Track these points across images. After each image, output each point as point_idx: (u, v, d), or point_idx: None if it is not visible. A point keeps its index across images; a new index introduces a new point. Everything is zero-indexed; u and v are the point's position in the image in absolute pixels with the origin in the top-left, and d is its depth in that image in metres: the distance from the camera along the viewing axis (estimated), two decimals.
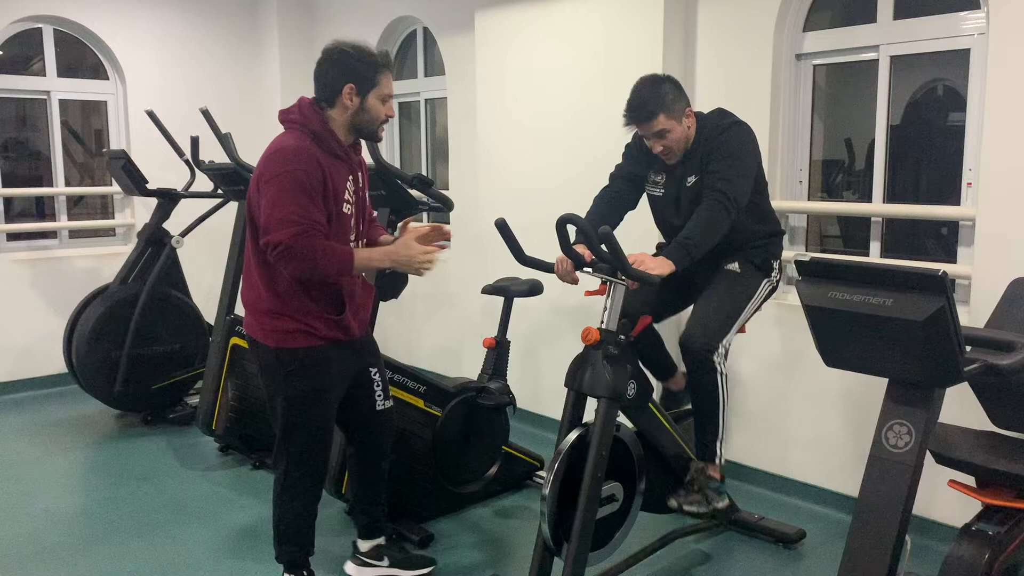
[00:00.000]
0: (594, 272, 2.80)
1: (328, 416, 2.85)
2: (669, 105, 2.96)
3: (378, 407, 3.01)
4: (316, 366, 2.74)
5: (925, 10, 3.45)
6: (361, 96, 2.69)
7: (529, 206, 4.33)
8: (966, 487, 2.58)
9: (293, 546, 2.92)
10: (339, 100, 2.69)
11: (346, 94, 2.68)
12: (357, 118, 2.72)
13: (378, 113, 2.74)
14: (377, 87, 2.70)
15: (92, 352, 4.84)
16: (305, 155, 2.60)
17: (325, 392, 2.80)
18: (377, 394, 3.01)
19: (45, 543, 3.53)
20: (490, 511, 3.82)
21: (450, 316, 5.58)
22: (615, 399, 2.70)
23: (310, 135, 2.67)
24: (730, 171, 2.91)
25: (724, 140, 2.98)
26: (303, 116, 2.70)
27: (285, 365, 2.73)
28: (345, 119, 2.72)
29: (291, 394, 2.76)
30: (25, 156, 6.54)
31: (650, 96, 2.96)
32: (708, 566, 3.31)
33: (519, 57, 4.70)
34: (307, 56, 6.56)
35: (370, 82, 2.69)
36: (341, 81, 2.67)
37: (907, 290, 2.10)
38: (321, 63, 2.72)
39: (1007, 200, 3.12)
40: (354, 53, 2.69)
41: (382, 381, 3.03)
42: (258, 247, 2.67)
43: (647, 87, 2.99)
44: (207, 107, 4.28)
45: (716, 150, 2.97)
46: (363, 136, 2.81)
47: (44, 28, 5.78)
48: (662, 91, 2.96)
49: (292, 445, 2.81)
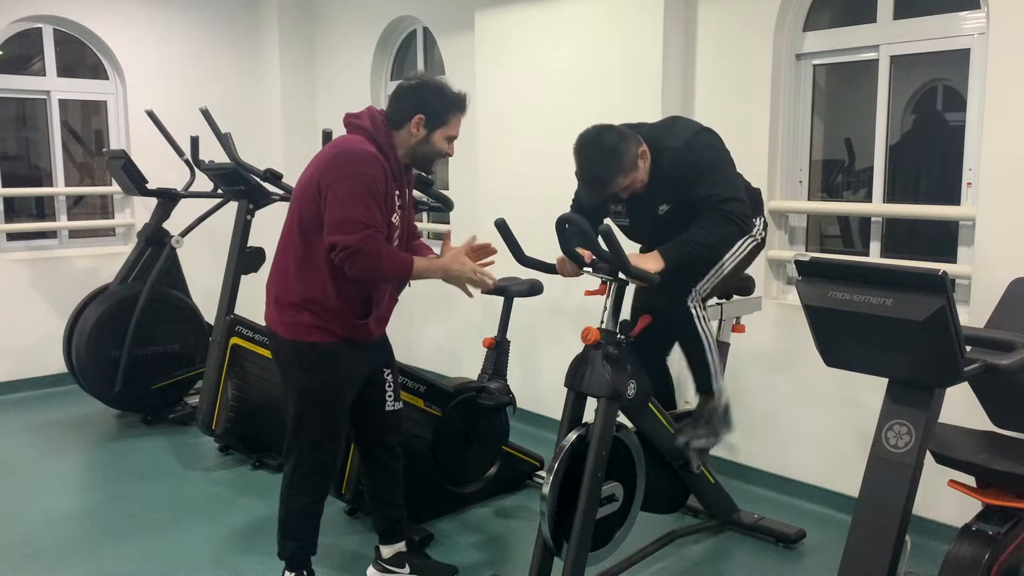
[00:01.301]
0: (594, 272, 2.80)
1: (340, 413, 2.86)
2: (622, 165, 2.81)
3: (388, 408, 3.02)
4: (331, 362, 2.77)
5: (925, 10, 3.45)
6: (428, 130, 2.77)
7: (529, 206, 4.33)
8: (966, 487, 2.58)
9: (296, 542, 2.93)
10: (407, 127, 2.76)
11: (414, 123, 2.75)
12: (418, 148, 2.80)
13: (440, 148, 2.82)
14: (445, 127, 2.79)
15: (92, 352, 4.84)
16: (375, 161, 2.67)
17: (338, 389, 2.82)
18: (388, 395, 3.02)
19: (45, 543, 3.53)
20: (490, 511, 3.82)
21: (450, 316, 5.58)
22: (615, 399, 2.70)
23: (376, 145, 2.72)
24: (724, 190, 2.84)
25: (696, 160, 2.86)
26: (373, 125, 2.76)
27: (301, 359, 2.78)
28: (407, 145, 2.79)
29: (305, 388, 2.80)
30: (25, 156, 6.54)
31: (601, 167, 2.81)
32: (708, 566, 3.32)
33: (519, 57, 4.70)
34: (307, 56, 6.57)
35: (440, 120, 2.78)
36: (413, 110, 2.75)
37: (907, 290, 2.10)
38: (402, 87, 2.82)
39: (1007, 200, 3.12)
40: (433, 88, 2.79)
41: (394, 383, 3.05)
42: (298, 241, 2.72)
43: (593, 157, 2.82)
44: (207, 107, 4.28)
45: (694, 174, 2.84)
46: (416, 165, 2.90)
47: (44, 28, 5.78)
48: (610, 154, 2.79)
49: (302, 440, 2.84)
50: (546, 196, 4.48)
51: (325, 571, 3.14)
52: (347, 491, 3.50)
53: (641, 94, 4.11)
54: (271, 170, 4.26)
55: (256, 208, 4.41)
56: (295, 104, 6.52)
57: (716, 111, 4.01)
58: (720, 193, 2.83)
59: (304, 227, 2.70)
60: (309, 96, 6.60)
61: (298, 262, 2.73)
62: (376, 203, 2.63)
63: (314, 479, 2.89)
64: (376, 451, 3.07)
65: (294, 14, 6.47)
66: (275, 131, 6.52)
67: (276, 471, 4.23)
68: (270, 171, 4.25)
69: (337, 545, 3.42)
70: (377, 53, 6.02)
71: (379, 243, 2.62)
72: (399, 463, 3.11)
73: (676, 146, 2.90)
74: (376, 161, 2.67)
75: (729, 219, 2.82)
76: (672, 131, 2.97)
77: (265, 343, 4.32)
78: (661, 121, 3.11)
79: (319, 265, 2.69)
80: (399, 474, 3.12)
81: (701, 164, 2.86)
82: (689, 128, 2.98)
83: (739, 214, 2.83)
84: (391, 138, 2.76)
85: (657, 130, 2.99)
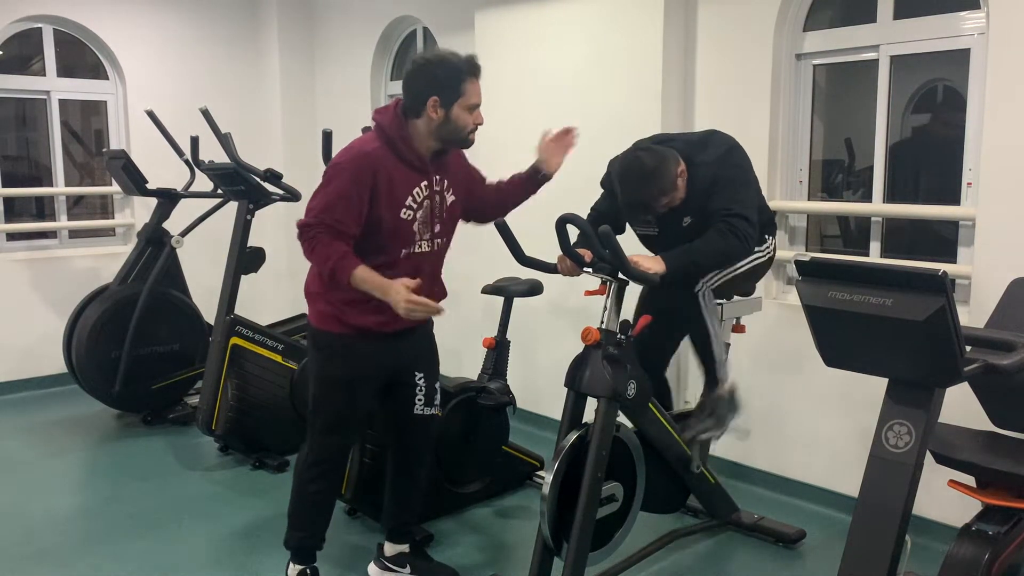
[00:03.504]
0: (594, 272, 2.80)
1: (352, 405, 2.87)
2: (664, 187, 2.86)
3: (416, 411, 3.01)
4: (343, 353, 2.80)
5: (925, 10, 3.45)
6: (446, 108, 2.66)
7: (529, 206, 4.32)
8: (966, 487, 2.58)
9: (302, 532, 2.94)
10: (424, 112, 2.67)
11: (431, 107, 2.65)
12: (443, 129, 2.70)
13: (465, 123, 2.71)
14: (463, 97, 2.67)
15: (92, 352, 4.84)
16: (361, 159, 2.64)
17: (351, 380, 2.83)
18: (418, 398, 3.00)
19: (45, 543, 3.53)
20: (490, 511, 3.82)
21: (450, 316, 5.56)
22: (615, 399, 2.70)
23: (384, 139, 2.69)
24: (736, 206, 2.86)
25: (721, 176, 2.91)
26: (387, 119, 2.71)
27: (320, 347, 2.84)
28: (431, 130, 2.70)
29: (318, 374, 2.87)
30: (25, 156, 6.54)
31: (643, 189, 2.86)
32: (708, 566, 3.31)
33: (519, 57, 4.70)
34: (307, 56, 6.57)
35: (455, 92, 2.65)
36: (426, 93, 2.65)
37: (907, 290, 2.10)
38: (408, 74, 2.73)
39: (1007, 200, 3.12)
40: (436, 62, 2.68)
41: (427, 387, 3.01)
42: None
43: (636, 181, 2.86)
44: (207, 107, 4.28)
45: (717, 188, 2.90)
46: (452, 145, 2.78)
47: (44, 28, 5.78)
48: (652, 177, 2.83)
49: (315, 425, 2.89)
50: (546, 196, 4.48)
51: (326, 570, 3.14)
52: (347, 491, 3.50)
53: (641, 94, 4.11)
54: (271, 170, 4.26)
55: (256, 208, 4.41)
56: (295, 104, 6.52)
57: (716, 111, 4.02)
58: (731, 208, 2.86)
59: None
60: (309, 96, 6.60)
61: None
62: (342, 202, 2.61)
63: (323, 467, 2.91)
64: (399, 452, 3.08)
65: (294, 14, 6.47)
66: (275, 131, 6.52)
67: (276, 471, 4.23)
68: (270, 171, 4.26)
69: (337, 544, 3.42)
70: (377, 53, 6.02)
71: (316, 238, 2.61)
72: (423, 470, 3.11)
73: (709, 162, 2.94)
74: (363, 160, 2.63)
75: (733, 234, 2.83)
76: (706, 147, 2.99)
77: (265, 343, 4.34)
78: (697, 135, 3.13)
79: None
80: (420, 480, 3.11)
81: (723, 180, 2.91)
82: (723, 144, 3.01)
83: (744, 232, 2.85)
84: (403, 130, 2.69)
85: (692, 145, 3.01)
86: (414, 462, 3.08)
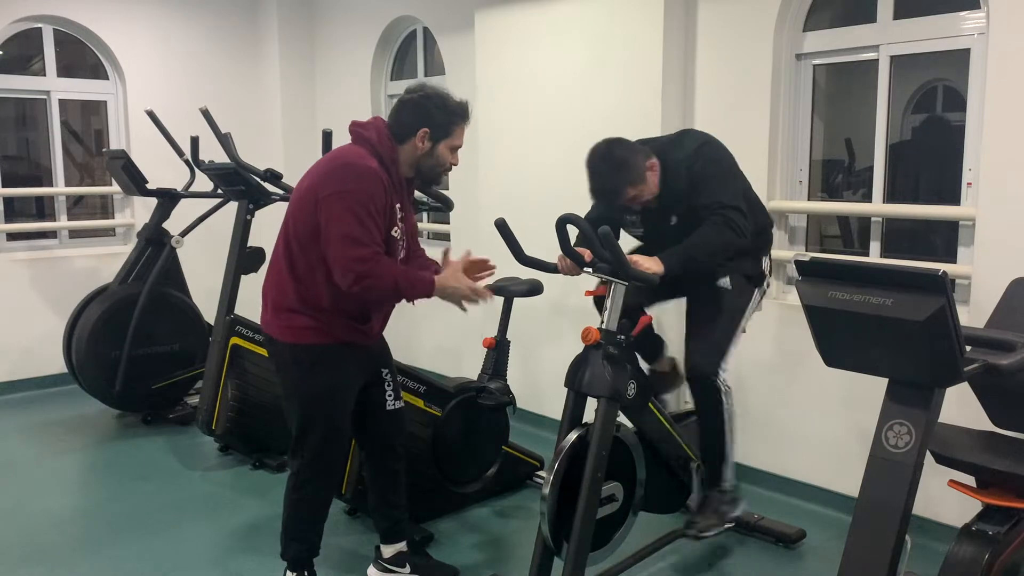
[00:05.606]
0: (594, 272, 2.80)
1: (342, 414, 2.86)
2: (630, 177, 2.91)
3: (388, 407, 3.02)
4: (329, 364, 2.77)
5: (925, 10, 3.45)
6: (433, 142, 2.76)
7: (529, 206, 4.33)
8: (966, 487, 2.58)
9: (299, 544, 2.92)
10: (411, 141, 2.75)
11: (419, 137, 2.74)
12: (424, 161, 2.79)
13: (444, 160, 2.82)
14: (449, 137, 2.78)
15: (92, 352, 4.84)
16: (375, 176, 2.65)
17: (339, 390, 2.82)
18: (388, 394, 3.02)
19: (45, 543, 3.53)
20: (490, 511, 3.82)
21: (450, 316, 5.55)
22: (615, 399, 2.70)
23: (377, 158, 2.71)
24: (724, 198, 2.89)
25: (700, 170, 2.95)
26: (378, 138, 2.74)
27: (299, 362, 2.77)
28: (412, 158, 2.79)
29: (305, 391, 2.79)
30: (25, 156, 6.54)
31: (609, 177, 2.91)
32: (708, 566, 3.31)
33: (519, 57, 4.70)
34: (307, 56, 6.57)
35: (444, 131, 2.76)
36: (417, 124, 2.73)
37: (907, 290, 2.10)
38: (403, 101, 2.79)
39: (1007, 200, 3.12)
40: (436, 100, 2.76)
41: (393, 382, 3.05)
42: (294, 247, 2.70)
43: (602, 168, 2.92)
44: (207, 107, 4.28)
45: (698, 183, 2.93)
46: (423, 178, 2.88)
47: (44, 28, 5.78)
48: (618, 166, 2.90)
49: (306, 443, 2.83)
50: (546, 196, 4.50)
51: (325, 571, 3.14)
52: (347, 491, 3.50)
53: (641, 94, 4.11)
54: (271, 170, 4.26)
55: (256, 208, 4.41)
56: (295, 104, 6.52)
57: (716, 111, 4.02)
58: (720, 200, 2.90)
59: (300, 234, 2.69)
60: (309, 96, 6.60)
61: (294, 267, 2.72)
62: (373, 221, 2.61)
63: (320, 481, 2.89)
64: (378, 452, 3.07)
65: (294, 14, 6.47)
66: (275, 131, 6.52)
67: (276, 471, 4.23)
68: (270, 171, 4.25)
69: (337, 545, 3.42)
70: (377, 53, 6.02)
71: (379, 262, 2.60)
72: (401, 464, 3.11)
73: (682, 158, 2.99)
74: (375, 176, 2.65)
75: (728, 226, 2.87)
76: (681, 144, 3.05)
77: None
78: (672, 134, 3.19)
79: (315, 271, 2.68)
80: (401, 475, 3.11)
81: (704, 174, 2.94)
82: (696, 140, 3.05)
83: (738, 223, 2.88)
84: (395, 153, 2.75)
85: (666, 145, 3.07)
86: (391, 459, 3.08)
